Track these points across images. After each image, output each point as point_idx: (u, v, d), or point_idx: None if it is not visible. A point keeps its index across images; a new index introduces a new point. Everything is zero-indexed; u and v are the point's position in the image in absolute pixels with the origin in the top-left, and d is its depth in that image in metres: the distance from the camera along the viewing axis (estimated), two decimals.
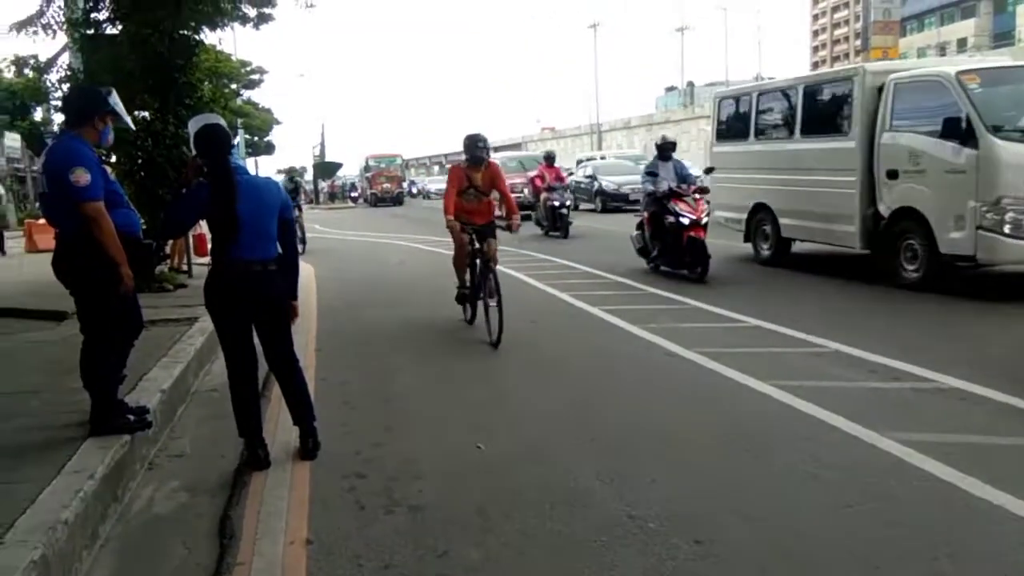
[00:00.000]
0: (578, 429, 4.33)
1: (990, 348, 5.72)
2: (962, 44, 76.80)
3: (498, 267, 6.89)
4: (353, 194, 44.85)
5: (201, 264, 11.32)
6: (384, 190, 39.53)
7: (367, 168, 43.75)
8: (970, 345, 5.86)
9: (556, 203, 15.99)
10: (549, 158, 18.01)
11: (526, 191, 19.76)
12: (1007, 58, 13.47)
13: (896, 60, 33.14)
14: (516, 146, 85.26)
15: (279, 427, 4.48)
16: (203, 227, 5.43)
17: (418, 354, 6.50)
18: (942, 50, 75.80)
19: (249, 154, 47.88)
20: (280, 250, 4.01)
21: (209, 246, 3.95)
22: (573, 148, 61.98)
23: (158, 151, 9.20)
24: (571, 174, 30.49)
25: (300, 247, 11.53)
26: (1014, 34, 70.81)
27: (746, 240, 11.03)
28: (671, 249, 9.57)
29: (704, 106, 58.20)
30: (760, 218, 10.65)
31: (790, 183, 9.97)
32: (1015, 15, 75.59)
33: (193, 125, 4.02)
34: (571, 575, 2.79)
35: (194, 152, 3.95)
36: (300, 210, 14.46)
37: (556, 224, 15.96)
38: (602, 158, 30.98)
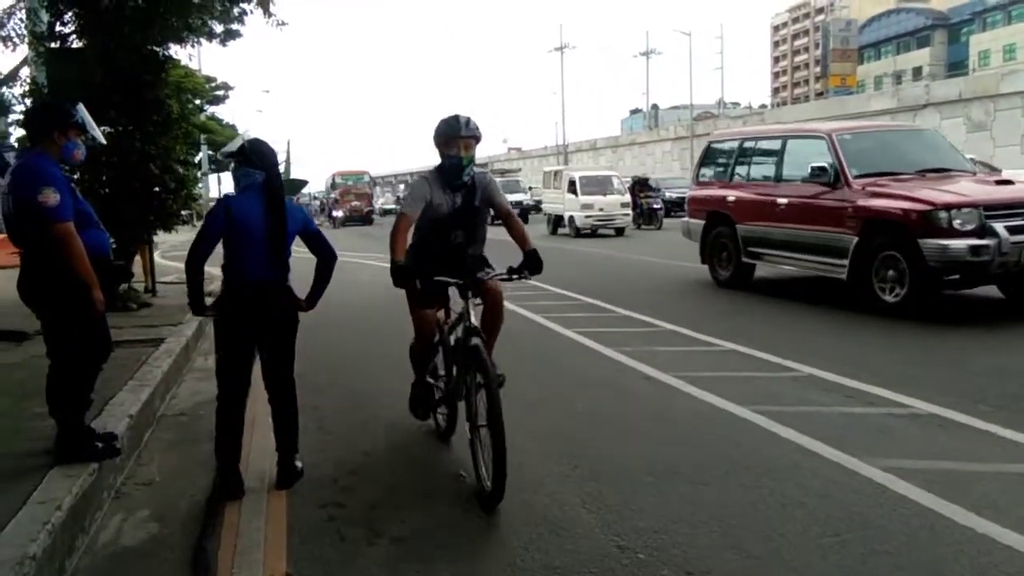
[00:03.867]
0: (560, 455, 4.28)
1: (963, 373, 5.79)
2: (917, 72, 79.06)
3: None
4: (336, 213, 38.33)
5: (166, 283, 11.11)
6: (353, 208, 38.48)
7: (334, 185, 43.19)
8: (944, 370, 5.94)
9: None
10: None
11: None
12: None
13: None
14: (483, 166, 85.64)
15: (251, 454, 4.35)
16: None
17: (393, 377, 6.36)
18: (898, 78, 77.98)
19: (213, 170, 47.33)
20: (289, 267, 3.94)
21: (222, 263, 3.84)
22: (540, 168, 62.26)
23: (124, 168, 9.00)
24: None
25: None
26: (967, 63, 73.10)
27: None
28: None
29: (669, 128, 59.07)
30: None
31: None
32: (968, 45, 78.11)
33: (234, 143, 3.97)
34: None
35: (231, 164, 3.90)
36: None
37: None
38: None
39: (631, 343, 7.05)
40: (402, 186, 64.33)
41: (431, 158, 4.34)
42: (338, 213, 38.58)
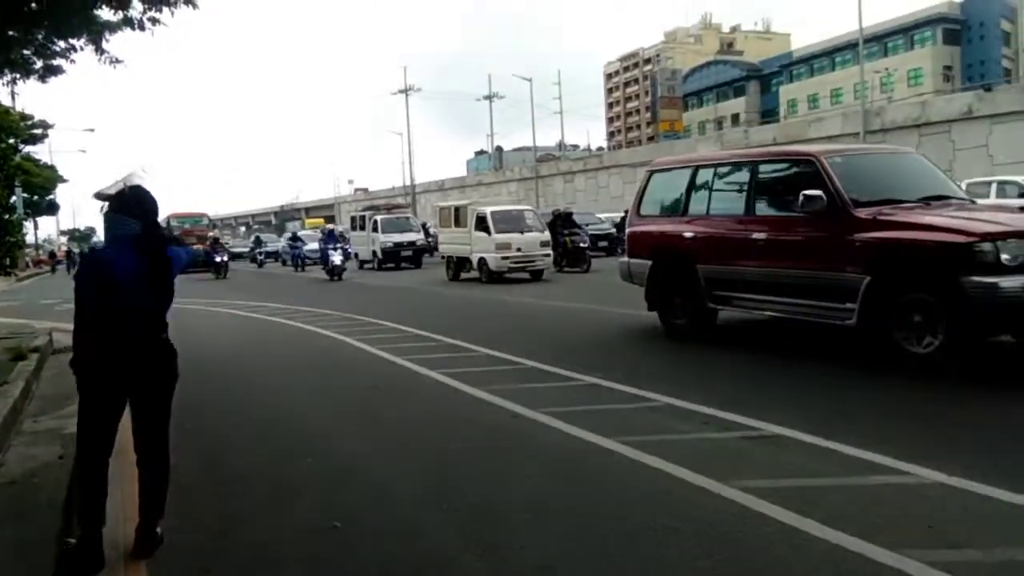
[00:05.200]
0: (437, 498, 4.24)
1: (804, 395, 6.28)
2: (736, 119, 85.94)
3: (311, 327, 6.59)
4: (220, 258, 29.16)
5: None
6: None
7: (169, 228, 40.73)
8: (787, 393, 6.40)
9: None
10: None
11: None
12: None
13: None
14: (329, 207, 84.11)
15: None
16: None
17: (249, 427, 6.11)
18: (719, 124, 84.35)
19: (28, 215, 43.58)
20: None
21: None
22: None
23: None
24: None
25: None
26: (778, 111, 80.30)
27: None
28: None
29: (514, 169, 60.73)
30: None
31: None
32: (778, 95, 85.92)
33: (115, 187, 3.62)
34: None
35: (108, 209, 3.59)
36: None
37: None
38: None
39: (497, 381, 7.11)
40: (243, 228, 61.79)
41: (274, 198, 4.25)
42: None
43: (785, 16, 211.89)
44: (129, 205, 3.56)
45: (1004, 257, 6.18)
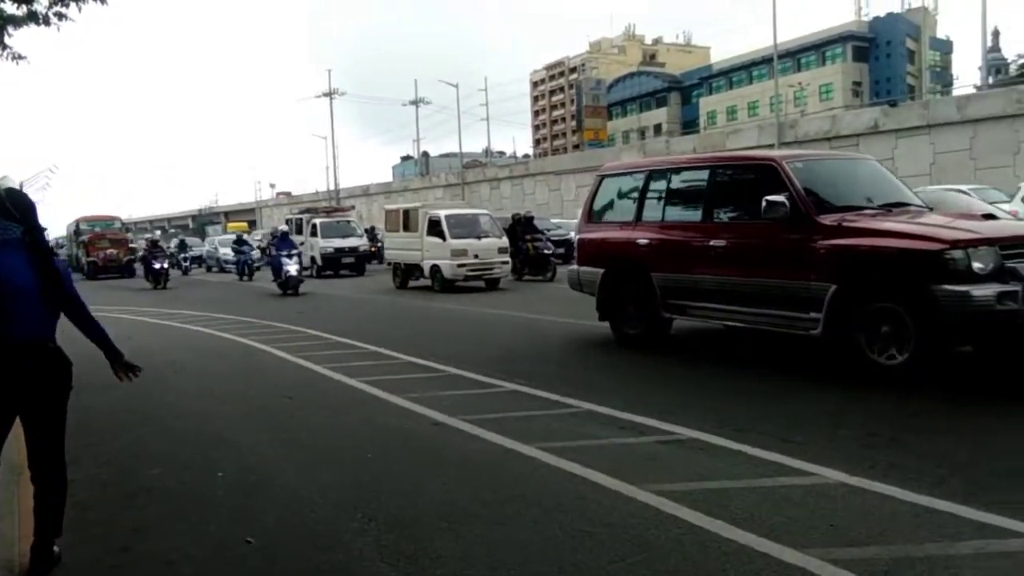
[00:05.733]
0: (353, 509, 4.17)
1: (715, 400, 6.44)
2: (658, 129, 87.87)
3: (231, 336, 6.40)
4: (160, 264, 23.93)
5: None
6: (108, 257, 32.50)
7: (78, 232, 38.25)
8: (695, 398, 6.57)
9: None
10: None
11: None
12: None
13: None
14: (250, 211, 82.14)
15: None
16: None
17: (155, 438, 5.89)
18: (642, 134, 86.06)
19: None
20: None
21: None
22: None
23: None
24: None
25: None
26: (698, 122, 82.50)
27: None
28: None
29: (440, 175, 60.54)
30: None
31: None
32: (698, 106, 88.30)
33: None
34: None
35: None
36: None
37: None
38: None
39: (417, 388, 7.07)
40: (159, 232, 59.64)
41: (191, 202, 4.12)
42: (88, 260, 32.61)
43: (705, 30, 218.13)
44: (8, 209, 3.40)
45: (975, 265, 6.06)
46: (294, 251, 19.61)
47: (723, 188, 8.25)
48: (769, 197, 7.11)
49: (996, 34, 70.25)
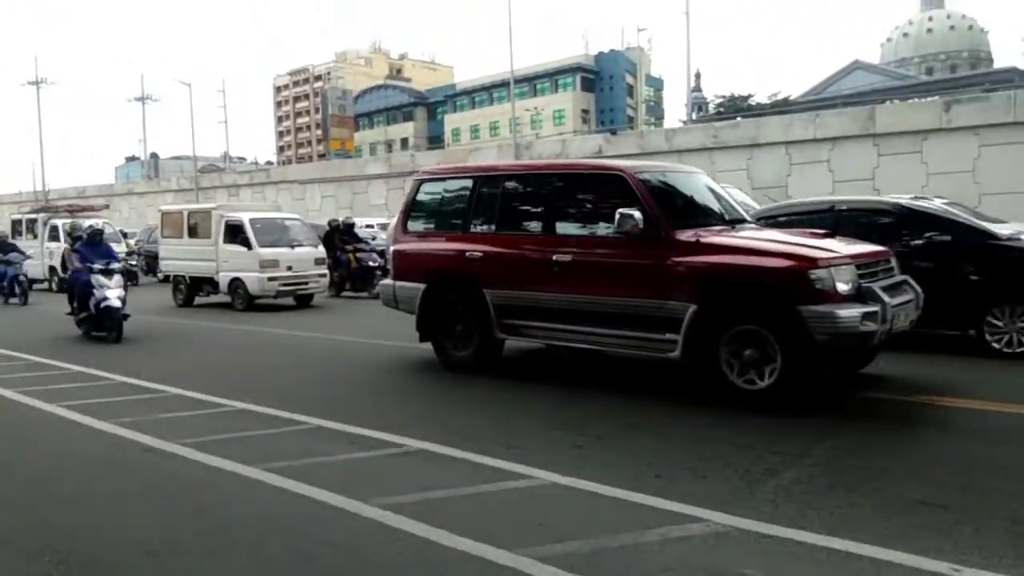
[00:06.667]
0: (40, 552, 3.70)
1: (442, 411, 6.61)
2: (404, 143, 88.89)
3: None
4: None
5: None
6: None
7: None
8: (426, 409, 6.69)
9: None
10: None
11: None
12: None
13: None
14: None
15: None
16: None
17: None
18: (389, 147, 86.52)
19: None
20: None
21: None
22: (9, 216, 53.48)
23: None
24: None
25: None
26: (443, 138, 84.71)
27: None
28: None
29: (171, 179, 56.08)
30: None
31: None
32: (443, 123, 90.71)
33: None
34: None
35: None
36: None
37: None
38: None
39: (130, 412, 6.46)
40: None
41: None
42: None
43: (448, 51, 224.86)
44: None
45: (839, 285, 5.97)
46: (112, 266, 11.57)
47: (566, 198, 7.62)
48: (623, 210, 6.66)
49: (698, 75, 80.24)
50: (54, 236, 21.21)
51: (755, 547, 3.63)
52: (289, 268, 15.45)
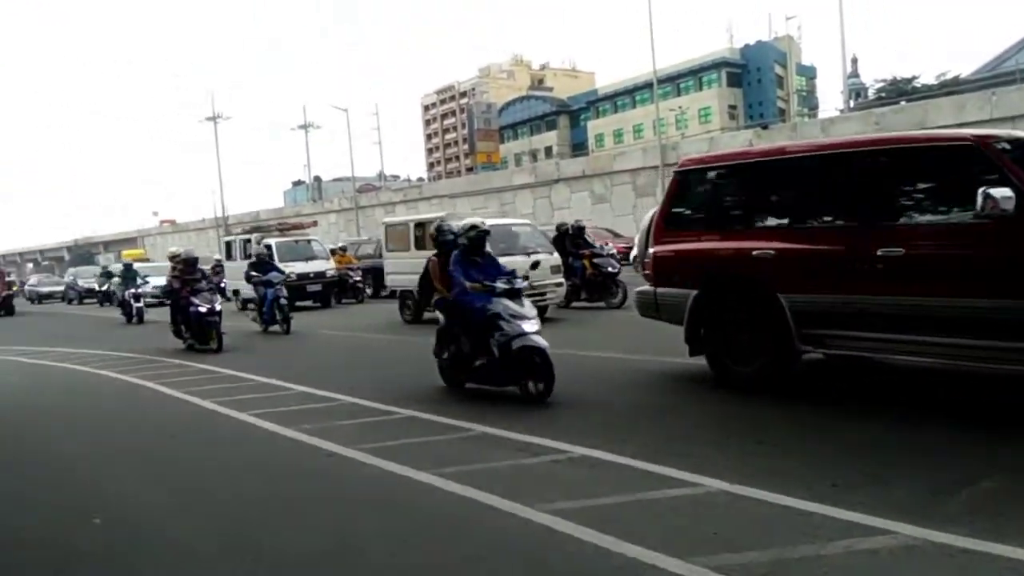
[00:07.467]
0: (240, 553, 4.04)
1: (598, 415, 6.59)
2: (548, 151, 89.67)
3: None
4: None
5: None
6: None
7: None
8: (580, 415, 6.70)
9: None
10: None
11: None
12: None
13: None
14: (132, 240, 78.37)
15: None
16: None
17: (30, 484, 5.52)
18: (534, 156, 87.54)
19: None
20: None
21: None
22: (197, 242, 58.76)
23: None
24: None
25: None
26: (587, 144, 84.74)
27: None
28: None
29: (333, 200, 59.63)
30: None
31: None
32: (586, 129, 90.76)
33: None
34: None
35: None
36: None
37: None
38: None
39: (309, 419, 6.91)
40: (30, 265, 55.78)
41: (64, 232, 3.90)
42: None
43: (588, 57, 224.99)
44: None
45: None
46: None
47: (892, 180, 6.32)
48: (991, 191, 5.30)
49: (855, 61, 75.61)
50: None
51: (951, 562, 3.37)
52: (524, 277, 13.74)
